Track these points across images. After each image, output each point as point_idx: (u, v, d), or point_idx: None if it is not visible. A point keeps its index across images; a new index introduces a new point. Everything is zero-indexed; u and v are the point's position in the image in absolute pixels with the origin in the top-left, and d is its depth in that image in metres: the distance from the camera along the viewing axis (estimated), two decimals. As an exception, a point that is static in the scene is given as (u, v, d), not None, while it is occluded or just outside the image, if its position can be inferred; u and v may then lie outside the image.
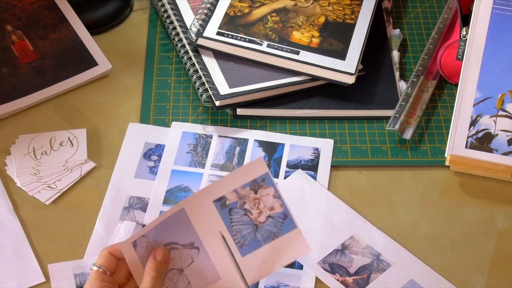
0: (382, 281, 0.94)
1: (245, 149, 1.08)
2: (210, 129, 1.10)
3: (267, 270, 0.78)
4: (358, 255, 0.97)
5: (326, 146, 1.08)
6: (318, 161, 1.07)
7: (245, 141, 1.09)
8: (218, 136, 1.09)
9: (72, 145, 1.07)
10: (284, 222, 0.78)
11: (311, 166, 1.06)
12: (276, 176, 1.05)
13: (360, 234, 0.99)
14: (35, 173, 1.04)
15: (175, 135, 1.10)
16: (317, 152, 1.08)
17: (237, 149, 1.08)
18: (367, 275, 0.95)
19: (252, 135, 1.10)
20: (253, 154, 1.08)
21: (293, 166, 1.06)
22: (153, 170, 1.05)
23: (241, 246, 0.77)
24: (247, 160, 1.07)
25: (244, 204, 0.77)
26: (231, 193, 0.78)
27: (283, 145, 1.09)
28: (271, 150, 1.08)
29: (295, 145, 1.09)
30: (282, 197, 0.78)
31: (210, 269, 0.77)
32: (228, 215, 0.78)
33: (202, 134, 1.10)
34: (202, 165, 1.06)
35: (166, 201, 1.03)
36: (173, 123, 1.11)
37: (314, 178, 1.05)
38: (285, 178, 1.05)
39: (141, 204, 1.02)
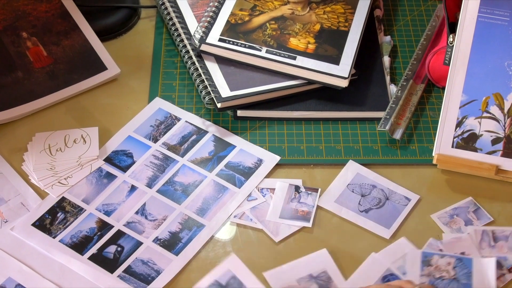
0: None
1: (199, 139, 1.09)
2: (187, 114, 1.12)
3: None
4: None
5: (270, 160, 1.07)
6: (254, 171, 1.06)
7: (204, 133, 1.10)
8: (185, 121, 1.11)
9: (85, 142, 1.08)
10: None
11: (245, 173, 1.06)
12: (211, 170, 1.06)
13: None
14: (50, 168, 1.04)
15: (151, 108, 1.12)
16: (259, 163, 1.07)
17: (193, 137, 1.09)
18: None
19: (213, 131, 1.10)
20: (204, 146, 1.08)
21: (231, 167, 1.06)
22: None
23: None
24: (195, 149, 1.08)
25: None
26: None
27: (233, 147, 1.08)
28: (221, 147, 1.08)
29: (244, 151, 1.08)
30: None
31: None
32: None
33: (173, 114, 1.11)
34: (155, 140, 1.08)
35: (108, 159, 1.06)
36: (157, 98, 1.14)
37: (241, 184, 1.04)
38: (216, 174, 1.05)
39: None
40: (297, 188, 1.03)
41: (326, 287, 0.93)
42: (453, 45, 1.10)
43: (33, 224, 0.98)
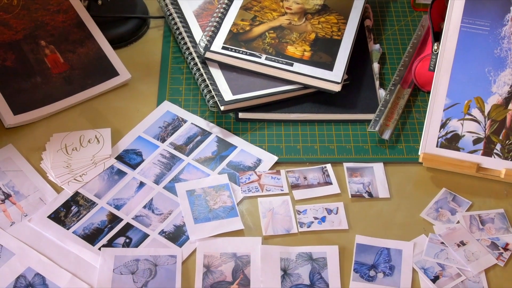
0: None
1: (204, 140, 1.09)
2: (192, 116, 1.12)
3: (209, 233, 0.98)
4: None
5: (268, 160, 1.07)
6: (253, 170, 1.06)
7: (208, 134, 1.10)
8: (191, 123, 1.11)
9: (99, 142, 1.08)
10: (230, 211, 1.00)
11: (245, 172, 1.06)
12: (213, 169, 1.06)
13: None
14: (67, 166, 1.04)
15: (160, 111, 1.12)
16: (258, 162, 1.07)
17: (198, 137, 1.09)
18: None
19: (217, 132, 1.10)
20: (208, 146, 1.08)
21: (232, 166, 1.06)
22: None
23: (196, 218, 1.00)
24: (200, 149, 1.08)
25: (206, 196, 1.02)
26: (199, 189, 1.03)
27: (235, 147, 1.08)
28: (223, 148, 1.08)
29: (244, 151, 1.08)
30: (233, 198, 1.02)
31: None
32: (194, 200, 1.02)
33: (180, 117, 1.11)
34: (163, 141, 1.08)
35: (119, 157, 1.06)
36: (166, 101, 1.14)
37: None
38: (218, 173, 1.05)
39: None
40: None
41: None
42: (437, 53, 1.09)
43: (49, 216, 0.99)
